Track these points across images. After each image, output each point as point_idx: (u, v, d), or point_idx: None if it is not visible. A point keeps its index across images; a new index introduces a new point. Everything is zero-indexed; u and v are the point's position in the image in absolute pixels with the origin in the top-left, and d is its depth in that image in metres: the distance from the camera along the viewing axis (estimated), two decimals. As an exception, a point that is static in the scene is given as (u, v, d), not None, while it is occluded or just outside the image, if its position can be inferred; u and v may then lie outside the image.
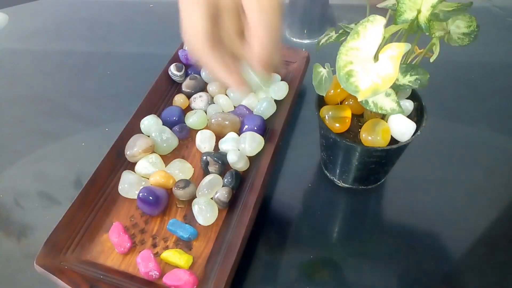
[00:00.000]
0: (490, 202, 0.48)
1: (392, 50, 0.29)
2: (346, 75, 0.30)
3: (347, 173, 0.46)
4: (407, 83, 0.36)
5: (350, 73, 0.30)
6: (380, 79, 0.29)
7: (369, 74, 0.30)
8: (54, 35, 0.73)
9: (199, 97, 0.55)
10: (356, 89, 0.30)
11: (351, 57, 0.30)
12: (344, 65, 0.30)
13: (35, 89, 0.63)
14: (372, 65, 0.30)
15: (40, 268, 0.38)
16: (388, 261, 0.43)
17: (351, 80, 0.30)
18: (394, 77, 0.29)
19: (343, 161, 0.45)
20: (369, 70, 0.30)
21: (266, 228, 0.45)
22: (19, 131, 0.57)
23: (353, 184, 0.48)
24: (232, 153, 0.47)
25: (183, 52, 0.59)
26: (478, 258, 0.43)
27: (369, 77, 0.30)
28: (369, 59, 0.30)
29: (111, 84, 0.63)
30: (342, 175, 0.47)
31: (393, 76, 0.29)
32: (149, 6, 0.78)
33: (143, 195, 0.44)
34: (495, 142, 0.54)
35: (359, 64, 0.30)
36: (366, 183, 0.48)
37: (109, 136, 0.49)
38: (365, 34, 0.30)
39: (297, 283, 0.41)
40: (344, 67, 0.30)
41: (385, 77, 0.29)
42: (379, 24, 0.30)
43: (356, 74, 0.30)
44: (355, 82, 0.30)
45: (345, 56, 0.30)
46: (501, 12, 0.72)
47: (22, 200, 0.49)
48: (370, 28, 0.30)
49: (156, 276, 0.40)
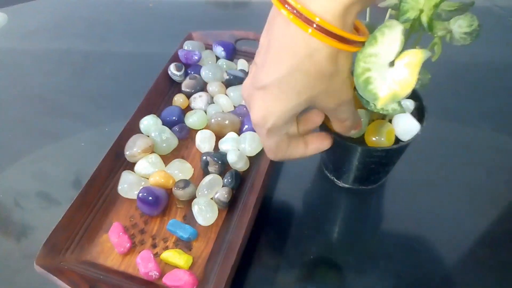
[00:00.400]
0: (491, 202, 0.47)
1: (411, 57, 0.29)
2: (364, 82, 0.30)
3: (347, 173, 0.46)
4: None
5: (368, 80, 0.30)
6: (398, 86, 0.29)
7: (386, 80, 0.29)
8: (53, 34, 0.73)
9: (199, 97, 0.55)
10: (375, 96, 0.29)
11: (369, 63, 0.30)
12: (362, 72, 0.30)
13: (34, 88, 0.63)
14: (390, 71, 0.29)
15: (39, 268, 0.38)
16: (388, 261, 0.43)
17: (370, 87, 0.30)
18: (413, 83, 0.28)
19: (343, 161, 0.45)
20: (386, 77, 0.29)
21: (266, 228, 0.45)
22: (18, 131, 0.57)
23: (353, 184, 0.48)
24: (232, 153, 0.47)
25: (182, 51, 0.59)
26: (478, 258, 0.43)
27: (387, 84, 0.29)
28: (386, 66, 0.30)
29: (110, 83, 0.63)
30: (342, 175, 0.47)
31: (412, 82, 0.28)
32: (149, 5, 0.78)
33: (143, 195, 0.44)
34: (496, 142, 0.54)
35: (376, 71, 0.30)
36: (366, 183, 0.48)
37: (108, 136, 0.49)
38: (383, 39, 0.30)
39: (297, 283, 0.41)
40: (362, 74, 0.30)
41: (403, 83, 0.29)
42: (396, 29, 0.29)
43: (374, 81, 0.30)
44: (374, 90, 0.29)
45: (363, 63, 0.30)
46: (502, 12, 0.72)
47: (21, 200, 0.48)
48: (388, 34, 0.30)
49: (156, 276, 0.40)
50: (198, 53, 0.59)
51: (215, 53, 0.61)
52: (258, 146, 0.49)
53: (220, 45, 0.60)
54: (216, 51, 0.61)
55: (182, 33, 0.63)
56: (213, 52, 0.61)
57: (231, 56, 0.61)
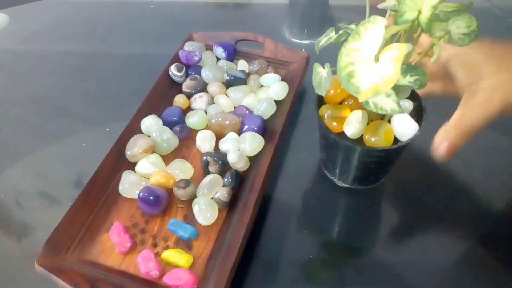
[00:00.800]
0: (490, 202, 0.48)
1: (393, 51, 0.29)
2: (347, 76, 0.30)
3: (346, 173, 0.46)
4: (407, 83, 0.36)
5: (351, 74, 0.30)
6: (381, 80, 0.29)
7: (370, 75, 0.30)
8: (54, 35, 0.73)
9: (199, 97, 0.55)
10: (357, 90, 0.30)
11: (352, 58, 0.30)
12: (345, 66, 0.30)
13: (36, 89, 0.63)
14: (373, 66, 0.30)
15: (40, 268, 0.38)
16: (388, 261, 0.43)
17: (352, 81, 0.30)
18: (395, 78, 0.29)
19: (343, 161, 0.45)
20: (370, 71, 0.30)
21: (266, 228, 0.45)
22: (20, 131, 0.57)
23: (352, 184, 0.48)
24: (232, 153, 0.47)
25: (183, 52, 0.59)
26: (478, 258, 0.43)
27: (370, 78, 0.30)
28: (370, 60, 0.30)
29: (111, 84, 0.63)
30: (342, 175, 0.47)
31: (394, 77, 0.29)
32: (150, 6, 0.78)
33: (144, 195, 0.44)
34: (495, 142, 0.54)
35: (360, 65, 0.30)
36: (365, 183, 0.48)
37: (109, 136, 0.49)
38: (366, 34, 0.30)
39: (297, 283, 0.41)
40: (345, 68, 0.30)
41: (386, 78, 0.29)
42: (380, 25, 0.30)
43: (357, 75, 0.30)
44: (356, 83, 0.30)
45: (346, 57, 0.30)
46: (500, 12, 0.72)
47: (22, 200, 0.49)
48: (371, 29, 0.30)
49: (157, 275, 0.40)
50: (199, 54, 0.59)
51: (216, 54, 0.62)
52: (258, 146, 0.49)
53: (220, 46, 0.61)
54: (217, 52, 0.61)
55: (182, 34, 0.63)
56: (214, 53, 0.62)
57: (232, 57, 0.61)
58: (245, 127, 0.51)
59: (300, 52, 0.60)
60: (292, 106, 0.53)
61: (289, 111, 0.52)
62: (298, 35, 0.73)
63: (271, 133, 0.51)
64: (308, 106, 0.58)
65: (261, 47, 0.62)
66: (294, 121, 0.56)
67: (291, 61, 0.60)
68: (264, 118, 0.53)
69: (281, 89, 0.55)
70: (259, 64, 0.59)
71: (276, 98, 0.55)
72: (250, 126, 0.51)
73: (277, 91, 0.55)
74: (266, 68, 0.59)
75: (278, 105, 0.55)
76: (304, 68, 0.58)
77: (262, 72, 0.59)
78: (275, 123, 0.52)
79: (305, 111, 0.58)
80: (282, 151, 0.52)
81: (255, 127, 0.51)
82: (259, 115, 0.53)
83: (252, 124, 0.51)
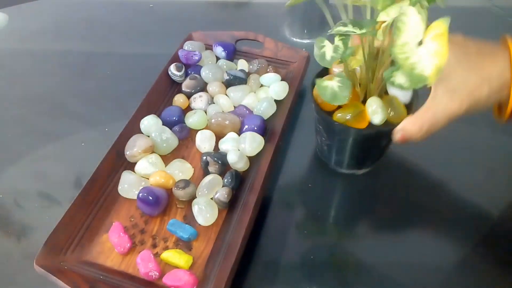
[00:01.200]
0: (491, 202, 0.47)
1: (435, 30, 0.31)
2: (410, 70, 0.31)
3: (342, 157, 0.47)
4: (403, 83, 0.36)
5: (412, 67, 0.31)
6: (436, 58, 0.31)
7: (425, 59, 0.31)
8: (54, 35, 0.73)
9: (199, 97, 0.55)
10: (424, 77, 0.31)
11: (405, 52, 0.32)
12: (405, 62, 0.32)
13: (35, 89, 0.63)
14: (423, 50, 0.31)
15: (39, 268, 0.38)
16: (388, 261, 0.43)
17: (415, 72, 0.31)
18: (446, 51, 0.30)
19: (339, 147, 0.45)
20: (423, 56, 0.31)
21: (266, 228, 0.45)
22: (19, 131, 0.57)
23: (351, 169, 0.48)
24: (232, 153, 0.47)
25: (183, 52, 0.59)
26: (478, 258, 0.43)
27: (428, 61, 0.31)
28: (417, 47, 0.32)
29: (111, 84, 0.63)
30: (338, 162, 0.48)
31: (445, 51, 0.30)
32: (149, 6, 0.78)
33: (143, 195, 0.44)
34: (495, 142, 0.54)
35: (414, 56, 0.32)
36: (361, 167, 0.48)
37: (109, 136, 0.49)
38: (406, 27, 0.32)
39: (297, 283, 0.41)
40: (406, 64, 0.32)
41: (438, 54, 0.31)
42: (412, 12, 0.31)
43: (416, 65, 0.31)
44: (420, 72, 0.31)
45: (401, 54, 0.32)
46: (501, 12, 0.72)
47: (22, 200, 0.49)
48: (407, 21, 0.32)
49: (156, 276, 0.40)
50: (198, 53, 0.59)
51: (215, 54, 0.61)
52: (258, 146, 0.49)
53: (220, 45, 0.61)
54: (216, 52, 0.61)
55: (182, 33, 0.63)
56: (213, 53, 0.61)
57: (231, 57, 0.61)
58: (245, 127, 0.51)
59: (301, 52, 0.60)
60: (292, 106, 0.53)
61: (289, 111, 0.52)
62: (298, 35, 0.72)
63: (271, 133, 0.50)
64: (308, 106, 0.58)
65: (261, 47, 0.62)
66: (294, 121, 0.56)
67: (291, 61, 0.60)
68: (264, 118, 0.52)
69: (281, 88, 0.55)
70: (259, 63, 0.59)
71: (276, 98, 0.55)
72: (250, 126, 0.51)
73: (277, 90, 0.55)
74: (266, 68, 0.59)
75: (278, 105, 0.54)
76: (304, 67, 0.58)
77: (262, 71, 0.58)
78: (275, 123, 0.52)
79: (305, 111, 0.57)
80: (282, 151, 0.52)
81: (255, 127, 0.51)
82: (259, 115, 0.53)
83: (252, 124, 0.51)
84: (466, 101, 0.37)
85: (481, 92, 0.36)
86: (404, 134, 0.39)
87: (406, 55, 0.31)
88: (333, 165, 0.49)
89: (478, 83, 0.36)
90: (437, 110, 0.38)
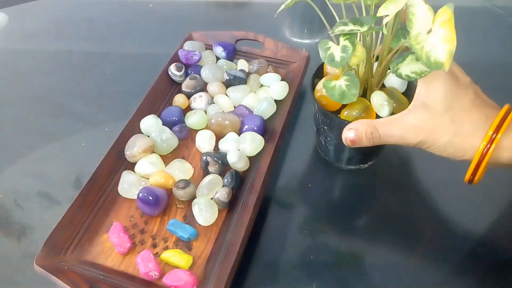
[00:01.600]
0: (490, 201, 0.47)
1: (441, 18, 0.32)
2: (427, 58, 0.32)
3: (351, 154, 0.47)
4: (410, 73, 0.36)
5: (428, 55, 0.32)
6: (447, 43, 0.31)
7: (438, 45, 0.32)
8: (54, 35, 0.73)
9: (199, 97, 0.55)
10: (441, 63, 0.32)
11: (420, 42, 0.32)
12: (421, 51, 0.32)
13: (35, 89, 0.63)
14: (433, 37, 0.32)
15: (39, 268, 0.38)
16: (388, 262, 0.43)
17: (432, 60, 0.32)
18: (455, 36, 0.31)
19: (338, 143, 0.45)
20: (436, 43, 0.32)
21: (266, 228, 0.45)
22: (18, 131, 0.57)
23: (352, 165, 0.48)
24: (232, 153, 0.47)
25: (183, 52, 0.59)
26: (478, 258, 0.43)
27: (441, 47, 0.32)
28: (427, 35, 0.33)
29: (111, 84, 0.63)
30: (347, 160, 0.48)
31: (454, 35, 0.31)
32: (149, 6, 0.78)
33: (143, 195, 0.44)
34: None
35: (428, 44, 0.32)
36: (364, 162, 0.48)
37: (109, 136, 0.49)
38: (416, 19, 0.32)
39: (297, 283, 0.41)
40: (422, 53, 0.32)
41: (448, 39, 0.31)
42: (419, 3, 0.32)
43: (432, 52, 0.32)
44: (436, 59, 0.32)
45: (417, 45, 0.32)
46: (501, 12, 0.72)
47: (22, 200, 0.49)
48: (416, 12, 0.32)
49: (156, 276, 0.40)
50: (198, 53, 0.59)
51: (215, 54, 0.61)
52: (258, 146, 0.49)
53: (220, 45, 0.61)
54: (216, 52, 0.61)
55: (182, 33, 0.63)
56: (213, 53, 0.61)
57: (231, 57, 0.61)
58: (245, 127, 0.51)
59: (301, 52, 0.60)
60: (292, 106, 0.53)
61: (289, 111, 0.52)
62: (298, 35, 0.72)
63: (271, 133, 0.50)
64: (308, 106, 0.58)
65: (261, 47, 0.62)
66: (294, 121, 0.56)
67: (291, 61, 0.60)
68: (264, 118, 0.52)
69: (281, 88, 0.55)
70: (259, 63, 0.59)
71: (276, 98, 0.55)
72: (250, 126, 0.51)
73: (277, 90, 0.55)
74: (266, 68, 0.59)
75: (278, 105, 0.54)
76: (304, 67, 0.58)
77: (262, 71, 0.58)
78: (275, 123, 0.52)
79: (305, 111, 0.57)
80: (282, 151, 0.52)
81: (255, 127, 0.51)
82: (259, 115, 0.53)
83: (252, 124, 0.51)
84: (418, 140, 0.37)
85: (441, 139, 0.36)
86: (354, 140, 0.39)
87: (421, 44, 0.32)
88: (342, 164, 0.49)
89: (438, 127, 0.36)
90: (392, 132, 0.38)
